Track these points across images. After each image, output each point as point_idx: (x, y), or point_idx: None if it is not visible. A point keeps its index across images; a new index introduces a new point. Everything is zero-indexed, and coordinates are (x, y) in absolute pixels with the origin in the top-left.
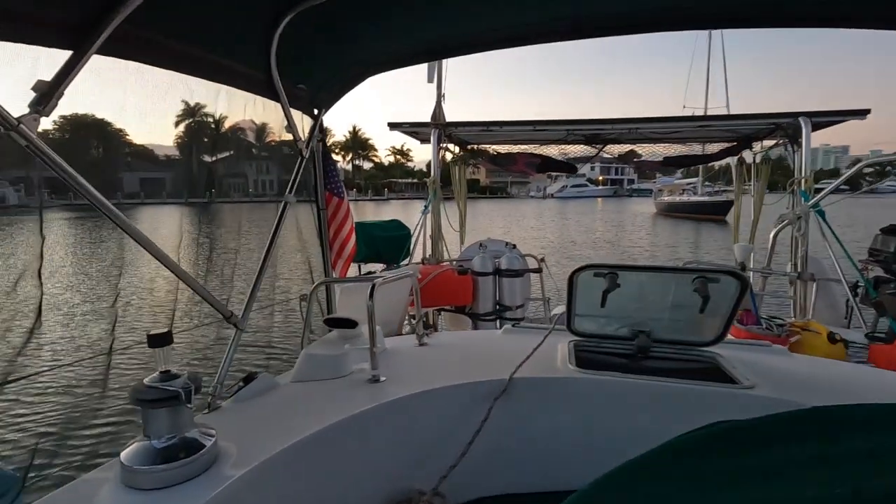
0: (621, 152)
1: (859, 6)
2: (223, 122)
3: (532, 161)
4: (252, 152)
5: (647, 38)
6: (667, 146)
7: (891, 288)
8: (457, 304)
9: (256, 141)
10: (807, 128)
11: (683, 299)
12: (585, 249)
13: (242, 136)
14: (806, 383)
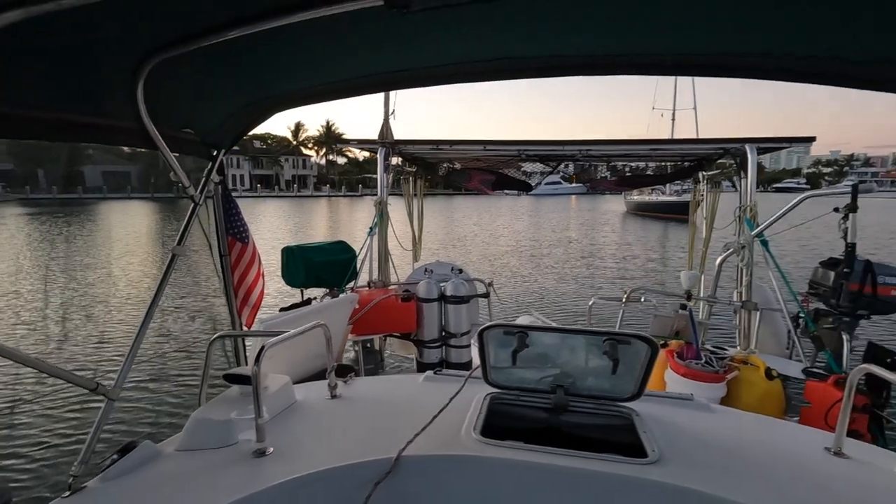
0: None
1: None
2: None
3: (487, 178)
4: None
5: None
6: (629, 164)
7: (829, 322)
8: (401, 331)
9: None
10: (752, 154)
11: (598, 358)
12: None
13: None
14: (715, 455)
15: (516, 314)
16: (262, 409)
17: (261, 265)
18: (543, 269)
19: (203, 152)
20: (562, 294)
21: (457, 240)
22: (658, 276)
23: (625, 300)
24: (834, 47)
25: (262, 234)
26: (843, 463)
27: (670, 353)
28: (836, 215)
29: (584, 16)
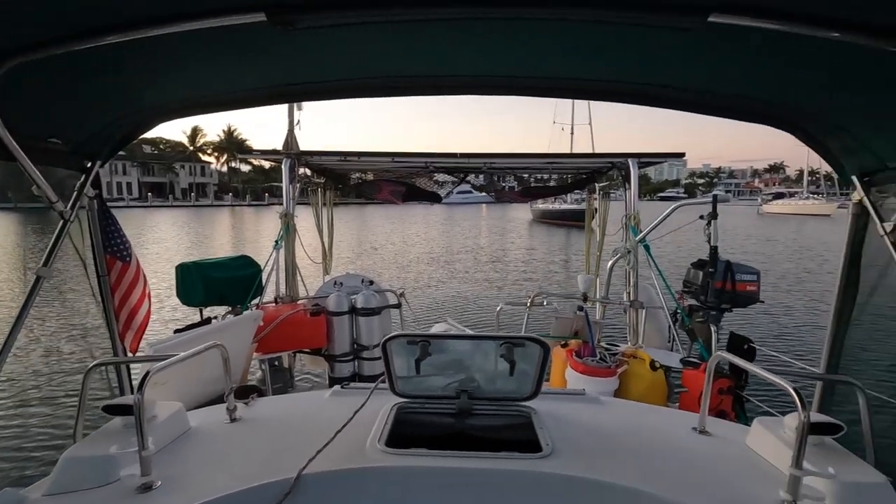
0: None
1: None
2: None
3: (397, 189)
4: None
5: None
6: (535, 175)
7: (700, 316)
8: (311, 346)
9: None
10: (634, 168)
11: (497, 362)
12: (467, 256)
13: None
14: (602, 444)
15: (431, 322)
16: (146, 439)
17: (146, 285)
18: (456, 276)
19: (74, 164)
20: (474, 300)
21: (371, 249)
22: (561, 279)
23: (529, 304)
24: (703, 81)
25: (154, 249)
26: (706, 440)
27: (570, 352)
28: (704, 220)
29: (471, 38)
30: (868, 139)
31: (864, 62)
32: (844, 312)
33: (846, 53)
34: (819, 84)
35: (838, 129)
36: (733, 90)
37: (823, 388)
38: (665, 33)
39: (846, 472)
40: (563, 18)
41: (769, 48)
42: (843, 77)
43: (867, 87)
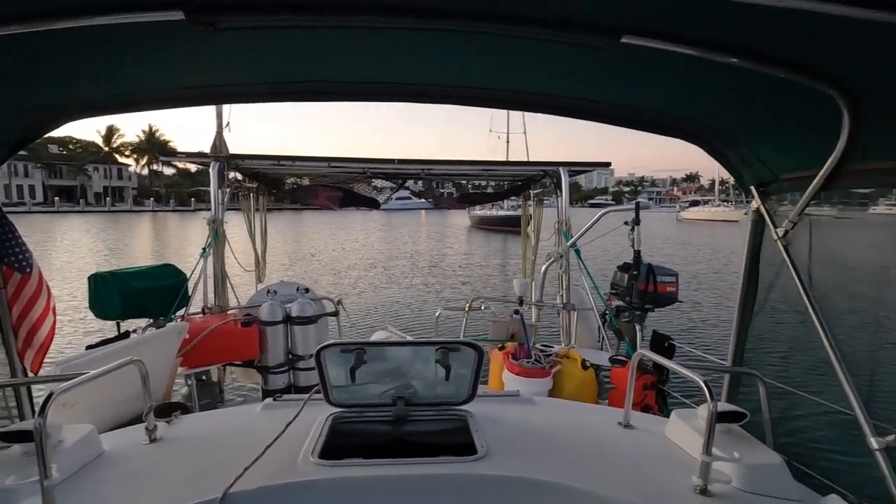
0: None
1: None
2: None
3: (334, 195)
4: None
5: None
6: (473, 181)
7: (626, 316)
8: (242, 358)
9: None
10: (565, 176)
11: (433, 367)
12: (406, 262)
13: None
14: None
15: (370, 330)
16: (49, 468)
17: (50, 298)
18: (395, 282)
19: None
20: (413, 306)
21: (309, 256)
22: (500, 283)
23: (467, 309)
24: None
25: (64, 258)
26: (630, 433)
27: (507, 355)
28: (628, 225)
29: (399, 47)
30: (762, 153)
31: (758, 84)
32: (747, 309)
33: (744, 76)
34: (721, 102)
35: (738, 144)
36: (647, 105)
37: (731, 379)
38: (585, 50)
39: (749, 456)
40: (483, 31)
41: (678, 68)
42: (741, 96)
43: (761, 107)
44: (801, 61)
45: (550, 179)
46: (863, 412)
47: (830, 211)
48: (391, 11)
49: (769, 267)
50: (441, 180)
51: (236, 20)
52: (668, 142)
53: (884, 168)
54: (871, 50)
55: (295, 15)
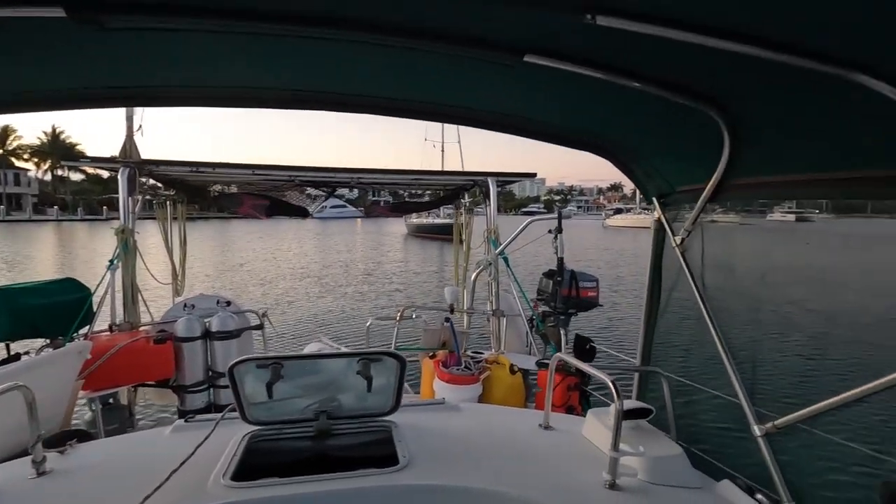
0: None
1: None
2: None
3: (260, 203)
4: None
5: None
6: (409, 190)
7: (552, 321)
8: (156, 378)
9: None
10: (493, 186)
11: (355, 379)
12: (340, 271)
13: None
14: (456, 450)
15: (300, 342)
16: None
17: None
18: (328, 292)
19: None
20: (346, 316)
21: (237, 266)
22: (435, 291)
23: (398, 318)
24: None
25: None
26: (549, 434)
27: (437, 363)
28: (552, 234)
29: (303, 54)
30: (661, 167)
31: (656, 105)
32: (652, 311)
33: (643, 97)
34: (624, 119)
35: (641, 159)
36: (556, 120)
37: (640, 377)
38: (498, 67)
39: (653, 449)
40: (390, 45)
41: (583, 87)
42: (642, 116)
43: (658, 125)
44: (689, 87)
45: (480, 189)
46: (747, 402)
47: (720, 219)
48: (291, 19)
49: (670, 271)
50: (378, 189)
51: (123, 20)
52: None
53: (757, 182)
54: (744, 79)
55: (186, 18)
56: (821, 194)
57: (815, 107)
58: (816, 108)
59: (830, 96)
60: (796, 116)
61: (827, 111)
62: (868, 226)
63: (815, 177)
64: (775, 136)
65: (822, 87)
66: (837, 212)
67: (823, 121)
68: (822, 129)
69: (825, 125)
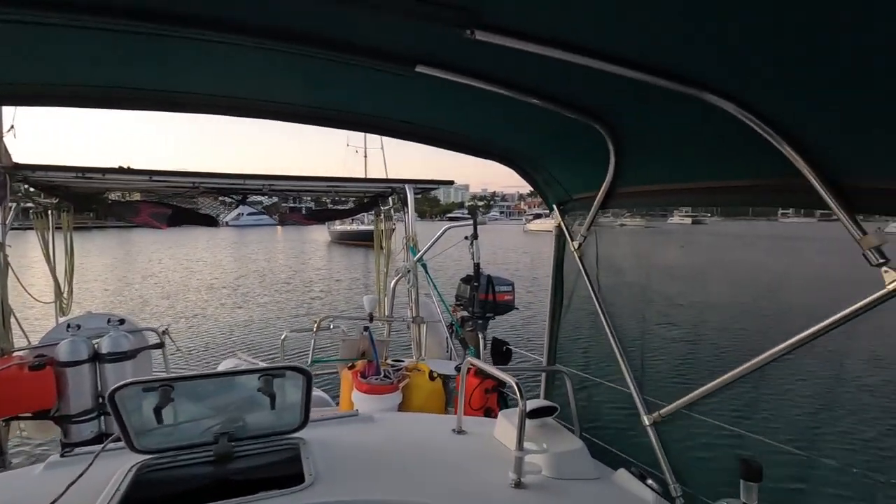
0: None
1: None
2: None
3: (160, 212)
4: None
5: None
6: (334, 197)
7: (470, 326)
8: (32, 408)
9: None
10: (410, 193)
11: (259, 396)
12: (257, 282)
13: None
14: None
15: (214, 359)
16: None
17: None
18: (244, 304)
19: None
20: (264, 329)
21: (140, 280)
22: (358, 299)
23: (315, 329)
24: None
25: None
26: (462, 438)
27: (356, 374)
28: (468, 240)
29: (176, 54)
30: (559, 176)
31: (552, 117)
32: (556, 312)
33: (539, 109)
34: (523, 130)
35: (541, 167)
36: (461, 129)
37: (546, 376)
38: (394, 76)
39: (556, 445)
40: (290, 52)
41: (480, 97)
42: (538, 126)
43: (555, 136)
44: (576, 102)
45: (397, 196)
46: (637, 394)
47: (629, 222)
48: (186, 21)
49: (569, 274)
50: (298, 196)
51: None
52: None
53: (639, 191)
54: (622, 96)
55: (74, 15)
56: (691, 202)
57: (679, 123)
58: (680, 125)
59: (690, 114)
60: (665, 132)
61: (688, 127)
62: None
63: (684, 186)
64: (650, 149)
65: (683, 106)
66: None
67: (686, 136)
68: (685, 144)
69: (688, 140)
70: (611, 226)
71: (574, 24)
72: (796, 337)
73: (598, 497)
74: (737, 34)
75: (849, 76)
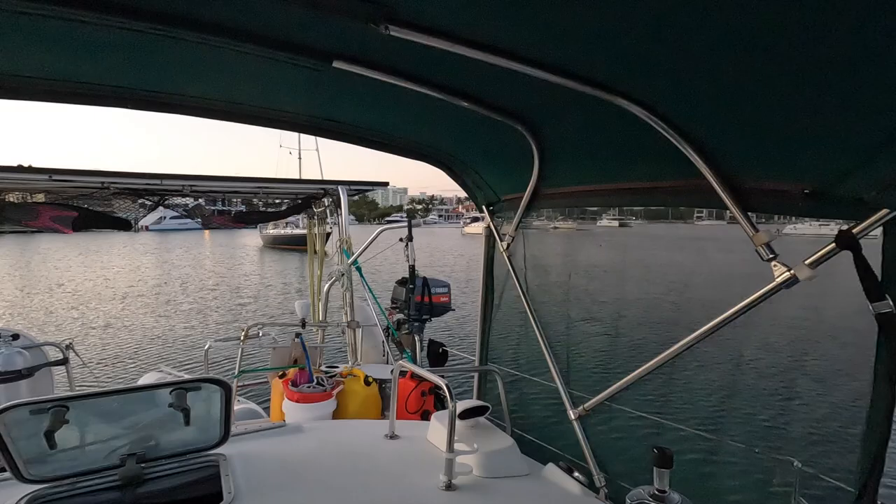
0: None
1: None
2: None
3: (64, 215)
4: None
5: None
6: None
7: (406, 329)
8: None
9: None
10: (344, 195)
11: (173, 412)
12: (180, 290)
13: None
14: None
15: (131, 374)
16: None
17: None
18: (164, 314)
19: None
20: (187, 339)
21: (48, 290)
22: (289, 306)
23: (243, 338)
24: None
25: None
26: (395, 443)
27: (286, 383)
28: (402, 242)
29: (90, 43)
30: (488, 178)
31: (480, 120)
32: (487, 312)
33: (464, 110)
34: (449, 131)
35: (470, 169)
36: (387, 129)
37: (479, 376)
38: (311, 72)
39: (487, 444)
40: (199, 42)
41: (404, 96)
42: (465, 127)
43: (483, 138)
44: (499, 105)
45: (330, 198)
46: (564, 389)
47: (562, 226)
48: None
49: (499, 274)
50: (227, 198)
51: None
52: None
53: (563, 192)
54: (545, 101)
55: None
56: (609, 202)
57: (596, 127)
58: (596, 128)
59: (605, 118)
60: (584, 135)
61: (604, 131)
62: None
63: (602, 187)
64: (570, 152)
65: (599, 110)
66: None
67: (603, 139)
68: (602, 147)
69: (604, 143)
70: (544, 228)
71: (491, 25)
72: (702, 329)
73: (527, 494)
74: (646, 43)
75: (742, 87)
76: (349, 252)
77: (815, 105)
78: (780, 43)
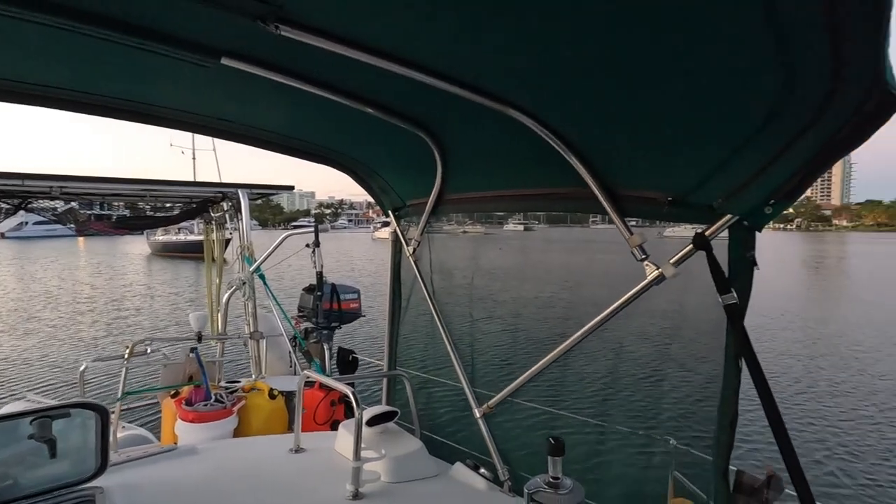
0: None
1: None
2: None
3: None
4: None
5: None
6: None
7: (314, 337)
8: None
9: None
10: (245, 199)
11: (37, 444)
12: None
13: None
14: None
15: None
16: None
17: None
18: (30, 333)
19: None
20: (59, 361)
21: None
22: (182, 318)
23: (128, 356)
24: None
25: None
26: (300, 457)
27: (179, 402)
28: (309, 247)
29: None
30: (393, 182)
31: (385, 126)
32: (395, 317)
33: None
34: (352, 134)
35: (375, 174)
36: (287, 131)
37: (388, 382)
38: (201, 68)
39: (395, 449)
40: (76, 31)
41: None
42: (368, 131)
43: (385, 142)
44: (401, 111)
45: (230, 202)
46: (469, 389)
47: (470, 230)
48: None
49: (406, 279)
50: (106, 201)
51: None
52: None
53: (465, 198)
54: (445, 109)
55: None
56: (506, 208)
57: (492, 136)
58: (493, 137)
59: (500, 127)
60: (481, 143)
61: (499, 140)
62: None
63: (498, 193)
64: (470, 159)
65: (494, 120)
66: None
67: (498, 147)
68: (498, 155)
69: (500, 151)
70: (454, 232)
71: (384, 31)
72: (590, 323)
73: (434, 494)
74: (534, 58)
75: (617, 102)
76: (251, 259)
77: (672, 120)
78: (646, 60)
